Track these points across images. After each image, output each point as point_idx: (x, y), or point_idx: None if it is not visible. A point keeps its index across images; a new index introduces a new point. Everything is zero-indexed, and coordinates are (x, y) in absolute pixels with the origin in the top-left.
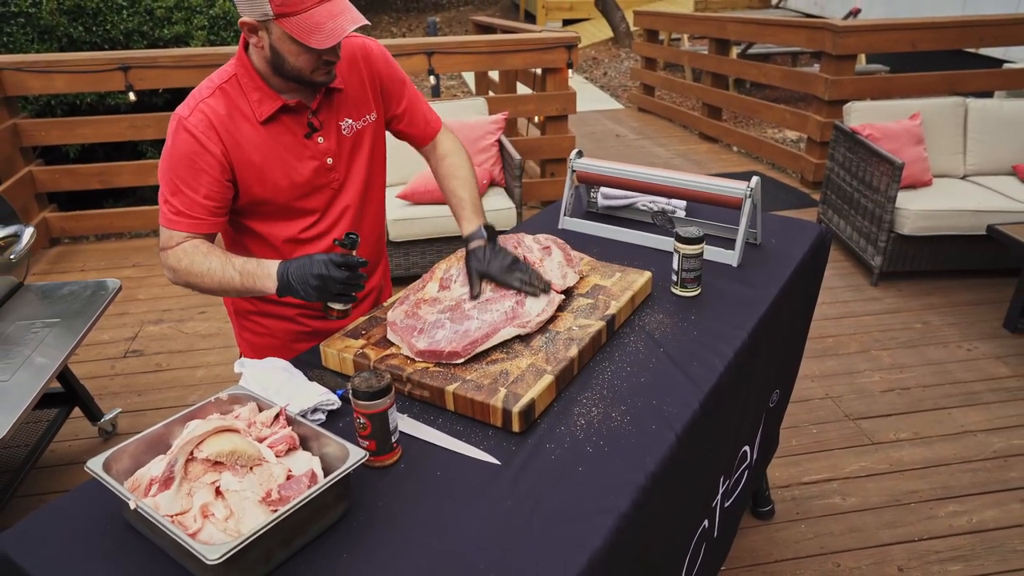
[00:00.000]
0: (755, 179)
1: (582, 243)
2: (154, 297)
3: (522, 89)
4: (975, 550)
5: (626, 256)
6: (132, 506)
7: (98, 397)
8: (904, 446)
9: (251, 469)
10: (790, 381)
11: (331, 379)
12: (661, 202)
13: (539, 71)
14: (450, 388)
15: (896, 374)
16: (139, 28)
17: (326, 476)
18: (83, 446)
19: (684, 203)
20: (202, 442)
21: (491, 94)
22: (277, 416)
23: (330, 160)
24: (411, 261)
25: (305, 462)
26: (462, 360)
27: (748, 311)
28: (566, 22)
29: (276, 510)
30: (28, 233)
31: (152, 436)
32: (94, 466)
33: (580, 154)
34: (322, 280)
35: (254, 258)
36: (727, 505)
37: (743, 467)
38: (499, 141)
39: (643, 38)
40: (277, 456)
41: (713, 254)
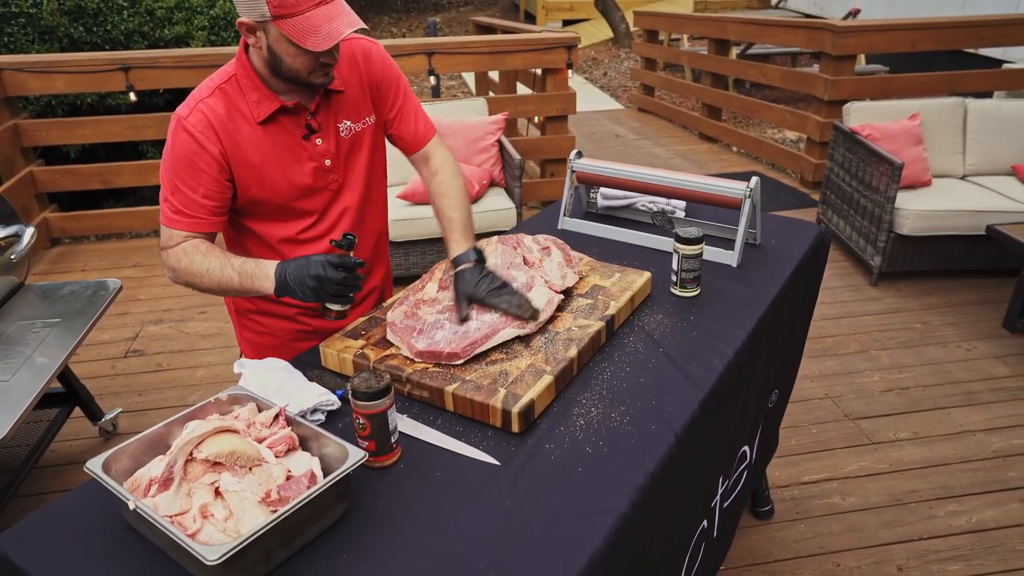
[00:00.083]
0: (754, 179)
1: (582, 243)
2: (155, 297)
3: (522, 89)
4: (974, 550)
5: (625, 256)
6: (132, 506)
7: (99, 397)
8: (904, 446)
9: (250, 469)
10: (789, 381)
11: (331, 379)
12: (661, 202)
13: (539, 71)
14: (450, 388)
15: (895, 374)
16: (140, 28)
17: (326, 476)
18: (84, 446)
19: (684, 203)
20: (201, 442)
21: (491, 94)
22: (277, 416)
23: (328, 162)
24: (411, 261)
25: (305, 462)
26: (461, 361)
27: (747, 311)
28: (566, 22)
29: (276, 510)
30: (29, 233)
31: (152, 436)
32: (94, 467)
33: (580, 154)
34: (319, 281)
35: (253, 258)
36: (726, 505)
37: (742, 467)
38: (499, 141)
39: (643, 38)
40: (277, 456)
41: (712, 254)
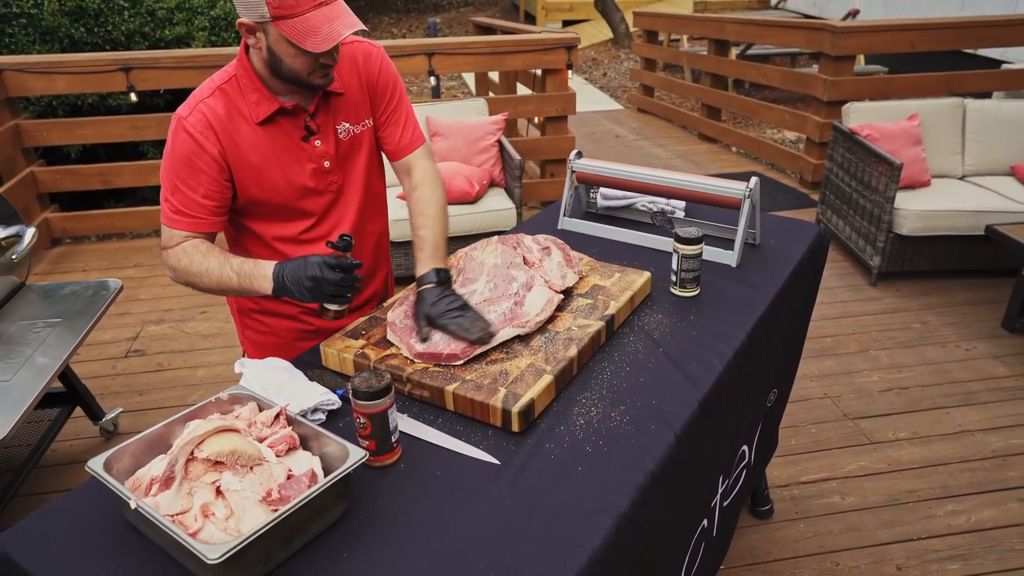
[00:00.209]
0: (754, 179)
1: (581, 243)
2: (155, 297)
3: (522, 90)
4: (973, 549)
5: (625, 256)
6: (133, 506)
7: (100, 397)
8: (903, 445)
9: (251, 469)
10: (789, 381)
11: (331, 379)
12: (660, 202)
13: (539, 72)
14: (450, 388)
15: (895, 374)
16: (140, 29)
17: (326, 476)
18: (84, 445)
19: (683, 203)
20: (202, 442)
21: (491, 95)
22: (277, 416)
23: (327, 163)
24: (411, 261)
25: (305, 462)
26: (461, 362)
27: (747, 311)
28: (566, 23)
29: (276, 510)
30: (30, 233)
31: (153, 436)
32: (95, 466)
33: (580, 155)
34: (316, 282)
35: (252, 258)
36: (726, 504)
37: (742, 467)
38: (499, 142)
39: (642, 39)
40: (277, 456)
41: (712, 254)
